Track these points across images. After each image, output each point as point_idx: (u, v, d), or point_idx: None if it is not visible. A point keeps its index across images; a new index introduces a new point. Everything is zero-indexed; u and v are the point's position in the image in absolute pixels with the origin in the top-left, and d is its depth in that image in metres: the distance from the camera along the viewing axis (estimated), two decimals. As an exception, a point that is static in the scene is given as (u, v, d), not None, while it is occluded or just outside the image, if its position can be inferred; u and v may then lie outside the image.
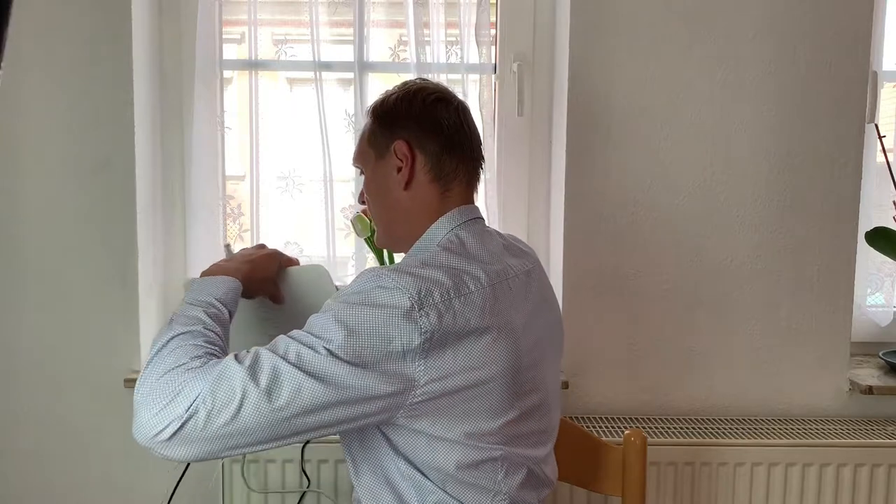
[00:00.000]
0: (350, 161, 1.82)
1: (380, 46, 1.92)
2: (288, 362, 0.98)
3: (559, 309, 1.30)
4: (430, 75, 1.84)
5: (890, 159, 1.83)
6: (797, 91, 1.77)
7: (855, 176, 1.79)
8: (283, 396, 0.97)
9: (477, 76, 1.89)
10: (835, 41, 1.76)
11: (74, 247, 1.78)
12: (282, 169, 1.94)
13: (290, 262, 1.36)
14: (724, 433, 1.73)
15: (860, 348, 1.95)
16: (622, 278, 1.81)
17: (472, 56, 1.88)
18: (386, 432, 1.09)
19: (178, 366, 1.00)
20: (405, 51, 1.90)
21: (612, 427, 1.75)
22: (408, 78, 1.29)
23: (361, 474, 1.15)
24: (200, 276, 1.22)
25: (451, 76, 1.87)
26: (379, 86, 1.86)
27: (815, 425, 1.78)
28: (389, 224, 1.22)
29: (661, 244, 1.80)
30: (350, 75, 1.90)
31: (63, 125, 1.76)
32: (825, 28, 1.76)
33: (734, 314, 1.82)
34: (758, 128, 1.78)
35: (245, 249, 1.35)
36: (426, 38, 1.86)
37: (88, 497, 1.85)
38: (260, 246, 1.35)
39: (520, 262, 1.20)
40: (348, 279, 1.95)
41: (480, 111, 1.87)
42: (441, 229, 1.16)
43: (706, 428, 1.76)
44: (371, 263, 1.94)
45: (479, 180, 1.24)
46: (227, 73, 1.93)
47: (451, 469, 1.08)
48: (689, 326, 1.82)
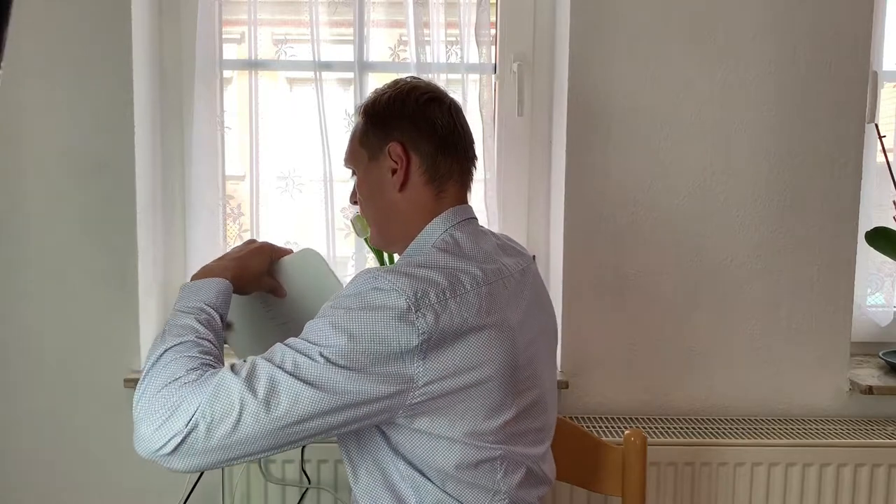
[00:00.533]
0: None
1: (380, 46, 1.92)
2: (285, 371, 0.98)
3: (552, 308, 1.30)
4: (430, 75, 1.84)
5: (890, 159, 1.83)
6: (797, 91, 1.77)
7: (855, 176, 1.79)
8: (281, 406, 0.97)
9: (477, 76, 1.89)
10: (835, 41, 1.76)
11: (74, 247, 1.78)
12: (282, 169, 1.93)
13: (282, 252, 1.34)
14: (724, 433, 1.73)
15: (860, 348, 1.95)
16: (622, 278, 1.81)
17: (472, 56, 1.88)
18: (386, 432, 1.09)
19: (174, 379, 1.00)
20: (405, 51, 1.90)
21: (612, 427, 1.75)
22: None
23: (359, 476, 1.15)
24: (191, 279, 1.21)
25: (451, 76, 1.87)
26: (379, 86, 1.86)
27: (815, 425, 1.78)
28: (383, 225, 1.21)
29: (661, 244, 1.80)
30: (350, 75, 1.90)
31: (63, 125, 1.76)
32: (825, 28, 1.76)
33: (734, 314, 1.82)
34: (758, 128, 1.78)
35: (235, 247, 1.34)
36: (426, 38, 1.86)
37: (88, 497, 1.85)
38: (249, 241, 1.33)
39: (514, 262, 1.20)
40: (348, 279, 1.95)
41: (480, 111, 1.87)
42: (436, 230, 1.16)
43: (706, 428, 1.76)
44: (371, 263, 1.94)
45: (473, 180, 1.24)
46: (227, 73, 1.93)
47: (450, 469, 1.08)
48: (689, 326, 1.82)
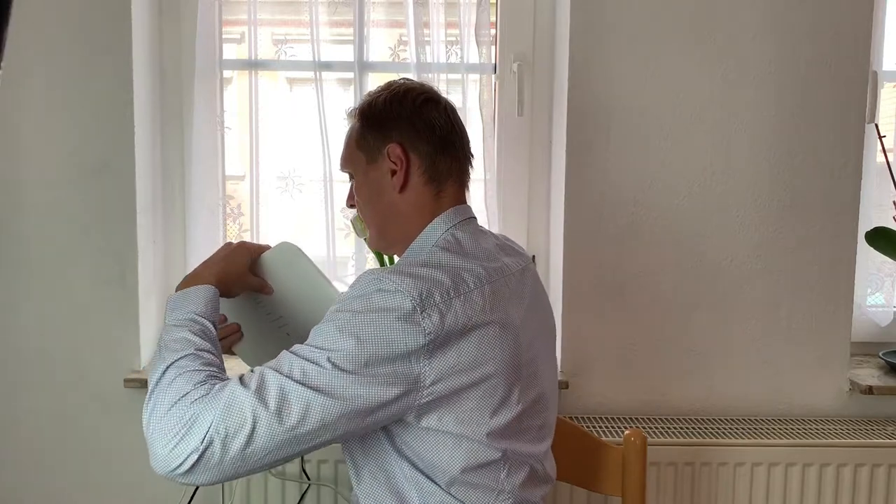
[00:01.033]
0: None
1: (380, 46, 1.92)
2: (294, 380, 0.99)
3: (550, 307, 1.30)
4: (430, 75, 1.84)
5: (890, 159, 1.83)
6: (797, 91, 1.77)
7: (855, 176, 1.79)
8: (293, 415, 0.98)
9: (477, 76, 1.89)
10: (835, 41, 1.76)
11: (74, 247, 1.78)
12: (282, 169, 1.94)
13: (260, 249, 1.33)
14: (724, 433, 1.73)
15: (860, 348, 1.95)
16: (622, 278, 1.81)
17: (472, 56, 1.88)
18: (392, 433, 1.09)
19: (182, 396, 0.99)
20: (405, 51, 1.90)
21: (612, 427, 1.75)
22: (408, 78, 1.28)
23: (362, 478, 1.15)
24: (175, 289, 1.19)
25: (451, 76, 1.87)
26: (372, 88, 1.86)
27: (815, 425, 1.78)
28: (383, 227, 1.21)
29: (661, 244, 1.80)
30: (350, 75, 1.90)
31: (63, 125, 1.76)
32: (825, 28, 1.76)
33: (734, 314, 1.82)
34: (758, 128, 1.78)
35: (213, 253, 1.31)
36: (426, 38, 1.86)
37: (88, 497, 1.85)
38: (226, 244, 1.32)
39: (514, 261, 1.20)
40: (349, 279, 1.95)
41: (480, 111, 1.87)
42: (437, 230, 1.16)
43: (706, 428, 1.76)
44: (371, 264, 1.94)
45: (470, 179, 1.24)
46: (227, 73, 1.93)
47: (455, 470, 1.08)
48: (689, 326, 1.82)
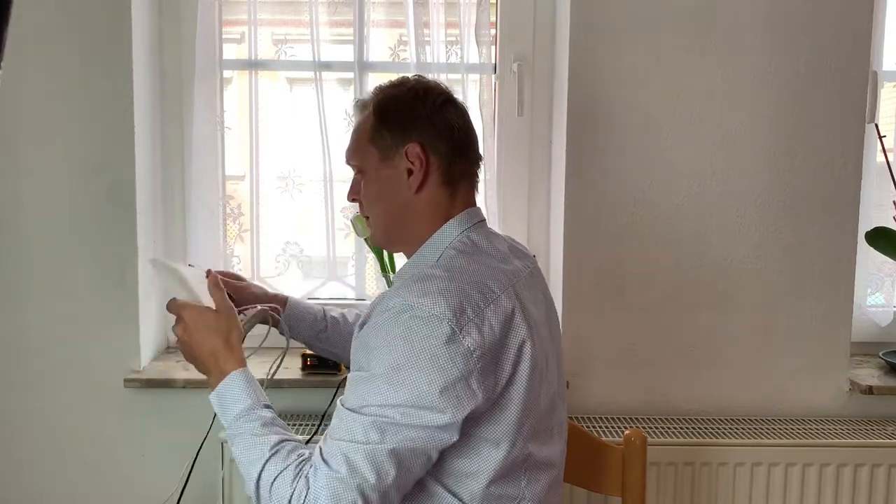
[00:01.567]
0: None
1: (380, 46, 1.92)
2: (373, 444, 1.00)
3: (555, 308, 1.31)
4: (430, 75, 1.83)
5: (890, 159, 1.83)
6: (797, 91, 1.77)
7: (855, 176, 1.79)
8: (391, 473, 1.01)
9: (477, 76, 1.89)
10: (835, 41, 1.76)
11: (74, 247, 1.78)
12: (282, 169, 1.93)
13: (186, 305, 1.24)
14: (724, 433, 1.73)
15: (860, 348, 1.95)
16: (622, 278, 1.80)
17: (472, 56, 1.88)
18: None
19: (291, 493, 1.03)
20: (405, 51, 1.90)
21: (612, 427, 1.75)
22: None
23: None
24: (213, 388, 1.16)
25: (451, 76, 1.87)
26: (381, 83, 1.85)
27: (815, 425, 1.78)
28: (392, 226, 1.20)
29: (661, 244, 1.80)
30: (350, 75, 1.90)
31: (63, 125, 1.76)
32: (825, 28, 1.75)
33: (734, 314, 1.82)
34: (758, 128, 1.78)
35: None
36: (426, 38, 1.86)
37: (88, 496, 1.85)
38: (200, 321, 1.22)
39: (523, 264, 1.21)
40: (349, 279, 1.95)
41: (480, 111, 1.87)
42: (451, 232, 1.16)
43: (706, 428, 1.76)
44: (371, 263, 1.94)
45: (479, 181, 1.24)
46: (227, 73, 1.93)
47: (482, 481, 1.08)
48: (689, 326, 1.82)
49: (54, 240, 1.78)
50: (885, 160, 1.80)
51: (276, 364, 1.42)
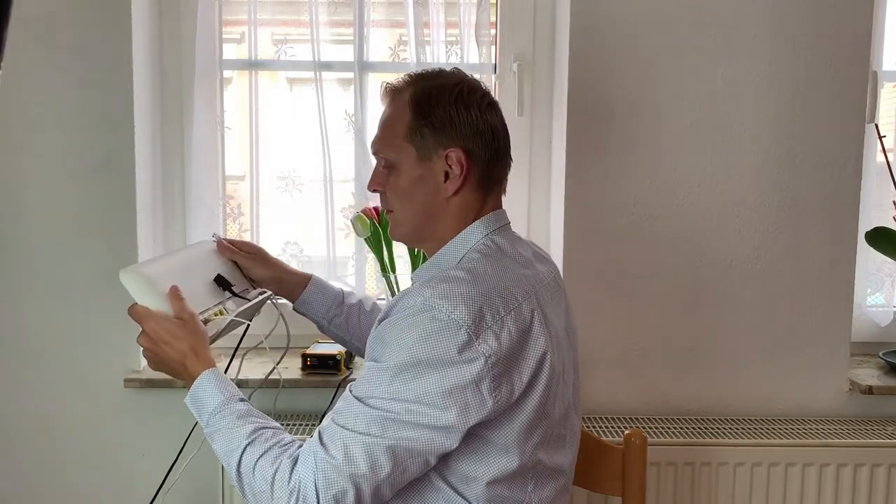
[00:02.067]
0: (350, 160, 1.80)
1: (380, 46, 1.92)
2: (373, 436, 1.01)
3: (574, 315, 1.29)
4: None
5: (890, 159, 1.83)
6: (797, 91, 1.77)
7: (855, 176, 1.79)
8: (386, 467, 1.01)
9: (477, 76, 1.88)
10: (835, 41, 1.76)
11: (74, 247, 1.78)
12: (282, 169, 1.94)
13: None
14: (724, 433, 1.73)
15: (860, 348, 1.95)
16: (622, 278, 1.80)
17: (472, 56, 1.88)
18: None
19: (273, 476, 1.04)
20: (405, 51, 1.90)
21: (612, 427, 1.75)
22: None
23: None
24: (189, 391, 1.16)
25: (451, 76, 1.87)
26: (379, 86, 1.85)
27: (815, 425, 1.78)
28: (420, 224, 1.16)
29: (661, 244, 1.80)
30: (350, 75, 1.90)
31: (63, 125, 1.76)
32: (825, 28, 1.75)
33: (734, 314, 1.82)
34: (758, 128, 1.78)
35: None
36: (426, 38, 1.86)
37: (88, 496, 1.85)
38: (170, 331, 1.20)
39: (546, 269, 1.19)
40: (349, 279, 1.95)
41: (480, 111, 1.87)
42: (476, 234, 1.14)
43: (706, 428, 1.76)
44: (371, 263, 1.94)
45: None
46: (227, 73, 1.93)
47: (486, 482, 1.07)
48: (689, 326, 1.82)
49: (54, 239, 1.78)
50: (885, 160, 1.80)
51: (276, 364, 1.42)
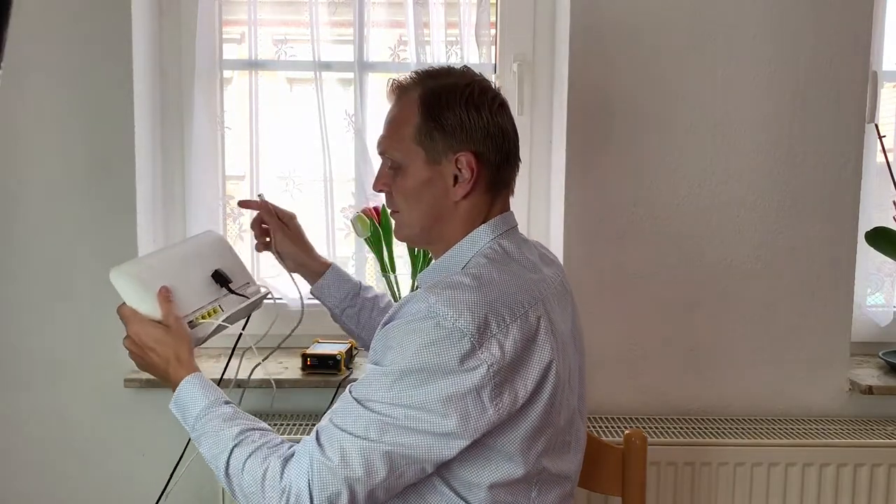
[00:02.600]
0: (350, 160, 1.80)
1: (380, 46, 1.92)
2: (371, 440, 1.00)
3: (581, 318, 1.29)
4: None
5: (890, 159, 1.83)
6: (797, 91, 1.77)
7: (855, 176, 1.79)
8: (381, 472, 1.01)
9: (478, 76, 1.89)
10: (835, 41, 1.76)
11: (74, 247, 1.78)
12: (282, 169, 1.93)
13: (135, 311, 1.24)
14: (724, 433, 1.73)
15: (860, 348, 1.95)
16: (622, 278, 1.80)
17: (472, 56, 1.88)
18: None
19: (263, 475, 1.04)
20: (405, 51, 1.90)
21: (612, 427, 1.75)
22: None
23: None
24: (174, 396, 1.16)
25: (451, 76, 1.87)
26: (380, 86, 1.85)
27: (815, 425, 1.78)
28: (427, 227, 1.15)
29: (661, 244, 1.80)
30: (350, 75, 1.90)
31: (63, 125, 1.76)
32: (825, 28, 1.75)
33: (734, 314, 1.82)
34: (758, 128, 1.78)
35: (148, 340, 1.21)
36: (426, 38, 1.86)
37: (88, 496, 1.85)
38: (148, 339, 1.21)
39: (553, 272, 1.19)
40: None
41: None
42: (482, 238, 1.13)
43: (706, 428, 1.76)
44: (371, 263, 1.94)
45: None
46: (227, 73, 1.93)
47: (489, 489, 1.06)
48: (689, 326, 1.82)
49: (54, 239, 1.78)
50: (885, 160, 1.80)
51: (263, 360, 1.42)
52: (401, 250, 1.85)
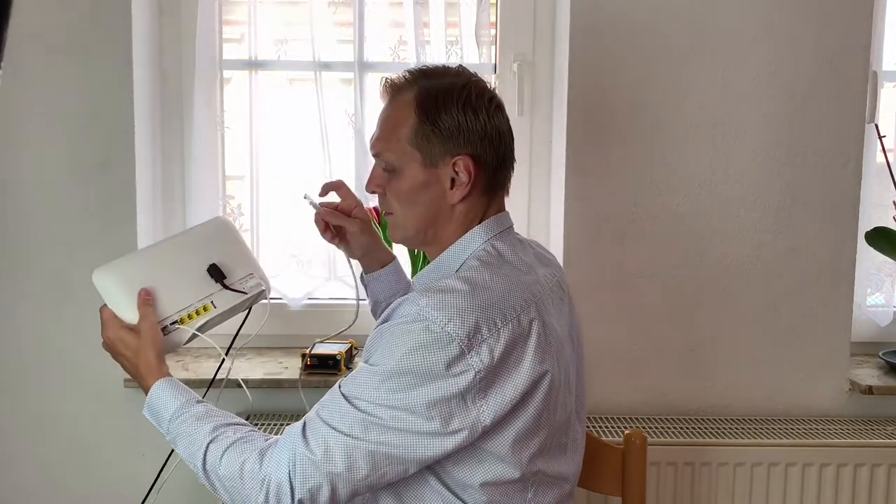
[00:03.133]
0: (350, 160, 1.79)
1: (380, 46, 1.92)
2: (354, 438, 1.00)
3: (579, 318, 1.29)
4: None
5: (890, 159, 1.83)
6: (797, 91, 1.77)
7: (855, 176, 1.79)
8: (363, 469, 1.01)
9: (477, 76, 1.89)
10: (835, 41, 1.76)
11: (74, 247, 1.78)
12: (282, 169, 1.93)
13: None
14: (724, 433, 1.73)
15: (860, 348, 1.95)
16: (622, 278, 1.80)
17: (472, 56, 1.88)
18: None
19: (241, 466, 1.04)
20: (405, 51, 1.90)
21: (612, 427, 1.75)
22: None
23: (380, 498, 1.12)
24: (147, 400, 1.16)
25: (451, 76, 1.87)
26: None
27: (815, 425, 1.78)
28: (422, 229, 1.14)
29: (661, 244, 1.80)
30: (350, 75, 1.90)
31: (63, 125, 1.76)
32: (825, 28, 1.75)
33: (734, 314, 1.82)
34: (758, 128, 1.78)
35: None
36: (426, 38, 1.87)
37: (88, 496, 1.85)
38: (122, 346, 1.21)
39: (549, 272, 1.18)
40: (349, 279, 1.94)
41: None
42: (476, 240, 1.12)
43: (706, 428, 1.76)
44: (371, 263, 1.93)
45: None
46: (227, 73, 1.93)
47: (483, 490, 1.06)
48: (689, 326, 1.82)
49: (54, 239, 1.78)
50: (885, 160, 1.80)
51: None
52: (401, 249, 1.85)
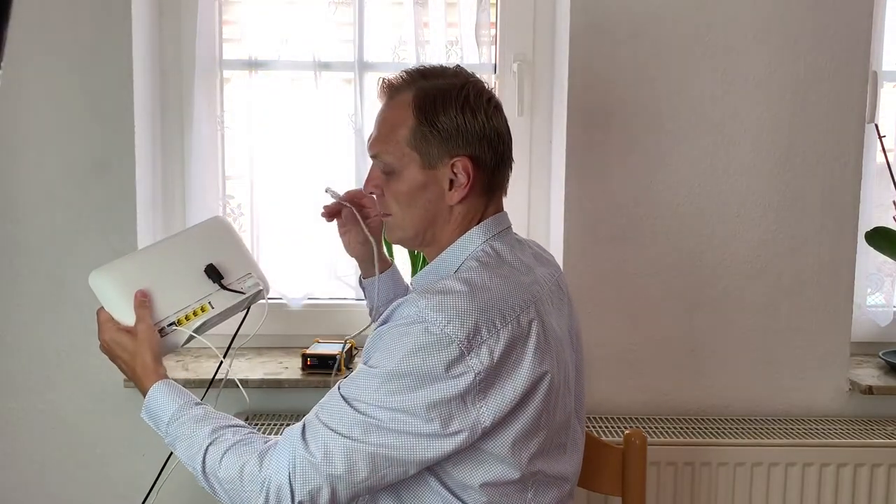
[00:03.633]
0: (351, 158, 1.79)
1: (380, 46, 1.92)
2: (354, 440, 1.00)
3: (578, 318, 1.29)
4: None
5: (890, 159, 1.83)
6: (797, 91, 1.77)
7: (855, 176, 1.79)
8: (362, 472, 1.01)
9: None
10: (835, 41, 1.76)
11: (74, 247, 1.78)
12: (282, 169, 1.93)
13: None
14: (724, 433, 1.73)
15: (860, 348, 1.95)
16: (622, 278, 1.80)
17: (472, 56, 1.88)
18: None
19: (241, 469, 1.03)
20: (405, 51, 1.90)
21: (612, 427, 1.75)
22: None
23: (380, 498, 1.12)
24: (146, 402, 1.15)
25: (451, 76, 1.87)
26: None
27: (815, 425, 1.78)
28: (421, 230, 1.13)
29: (660, 244, 1.80)
30: (350, 75, 1.90)
31: (63, 125, 1.76)
32: (825, 28, 1.75)
33: (734, 314, 1.82)
34: (758, 128, 1.78)
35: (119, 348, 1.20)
36: (426, 38, 1.87)
37: (88, 497, 1.85)
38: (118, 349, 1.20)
39: (548, 272, 1.18)
40: (349, 279, 1.95)
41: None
42: (474, 240, 1.12)
43: (706, 428, 1.76)
44: (371, 263, 1.93)
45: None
46: (227, 73, 1.93)
47: (483, 491, 1.06)
48: (689, 326, 1.82)
49: (54, 239, 1.78)
50: (885, 160, 1.80)
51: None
52: (401, 250, 1.85)
